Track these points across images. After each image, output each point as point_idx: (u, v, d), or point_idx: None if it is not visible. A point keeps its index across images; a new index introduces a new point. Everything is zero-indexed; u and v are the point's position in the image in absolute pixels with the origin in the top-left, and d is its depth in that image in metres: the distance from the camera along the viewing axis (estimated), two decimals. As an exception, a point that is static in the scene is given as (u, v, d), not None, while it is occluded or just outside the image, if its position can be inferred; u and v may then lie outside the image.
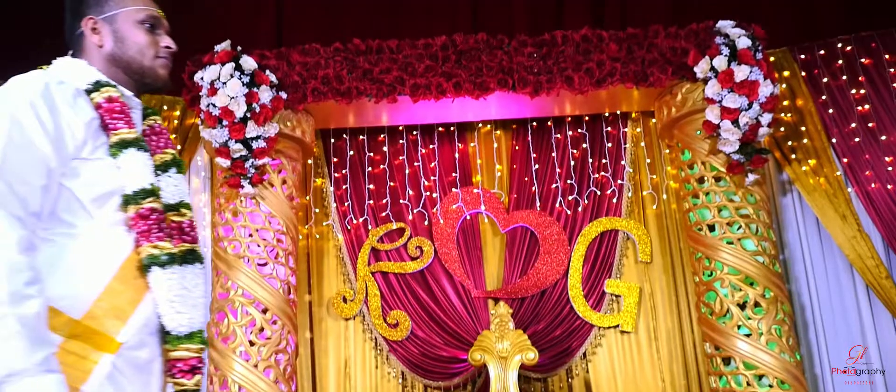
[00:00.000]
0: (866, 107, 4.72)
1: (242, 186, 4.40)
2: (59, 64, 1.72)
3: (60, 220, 1.53)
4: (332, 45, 4.57)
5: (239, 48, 4.37)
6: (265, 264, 4.38)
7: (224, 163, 4.37)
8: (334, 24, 5.08)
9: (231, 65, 4.26)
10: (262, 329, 4.29)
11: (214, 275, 4.50)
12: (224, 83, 4.22)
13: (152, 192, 1.61)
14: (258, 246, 4.38)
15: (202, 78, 4.29)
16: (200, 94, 4.31)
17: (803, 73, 4.87)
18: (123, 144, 1.60)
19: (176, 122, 4.96)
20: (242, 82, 4.24)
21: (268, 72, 4.38)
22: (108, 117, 1.62)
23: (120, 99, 1.66)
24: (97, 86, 1.65)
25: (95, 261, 1.54)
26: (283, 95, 4.41)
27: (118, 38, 1.71)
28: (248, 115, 4.24)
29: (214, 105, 4.22)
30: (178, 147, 4.91)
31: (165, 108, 4.94)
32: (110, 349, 1.49)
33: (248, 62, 4.30)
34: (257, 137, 4.28)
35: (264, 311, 4.29)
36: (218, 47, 4.35)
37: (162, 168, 1.71)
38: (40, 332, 1.39)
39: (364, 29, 4.86)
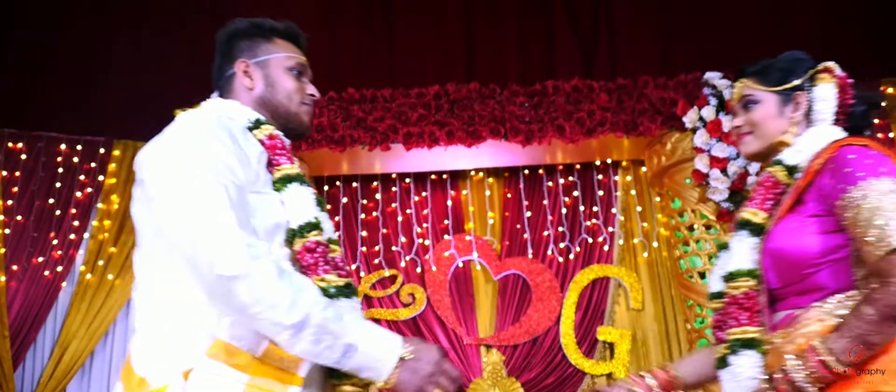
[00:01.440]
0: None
1: (236, 233, 4.41)
2: (213, 104, 1.75)
3: None
4: (326, 93, 4.64)
5: (234, 97, 4.42)
6: (257, 311, 4.37)
7: (218, 210, 4.39)
8: (329, 73, 5.16)
9: (227, 113, 4.31)
10: (253, 377, 4.26)
11: (206, 322, 4.48)
12: (219, 131, 4.27)
13: (317, 226, 1.60)
14: (251, 293, 4.37)
15: (198, 126, 4.33)
16: (196, 141, 4.35)
17: (790, 123, 4.95)
18: (288, 179, 1.62)
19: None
20: (238, 130, 4.29)
21: (263, 120, 4.43)
22: (272, 153, 1.64)
23: (279, 137, 1.70)
24: (257, 123, 1.69)
25: None
26: (278, 143, 4.45)
27: (269, 82, 1.74)
28: (243, 162, 4.28)
29: (209, 153, 4.26)
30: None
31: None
32: (295, 382, 1.49)
33: (244, 110, 4.35)
34: (252, 185, 4.31)
35: (256, 359, 4.27)
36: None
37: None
38: (339, 319, 1.48)
39: (358, 78, 4.93)
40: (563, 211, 5.19)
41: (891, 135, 4.73)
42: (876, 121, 4.78)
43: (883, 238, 1.47)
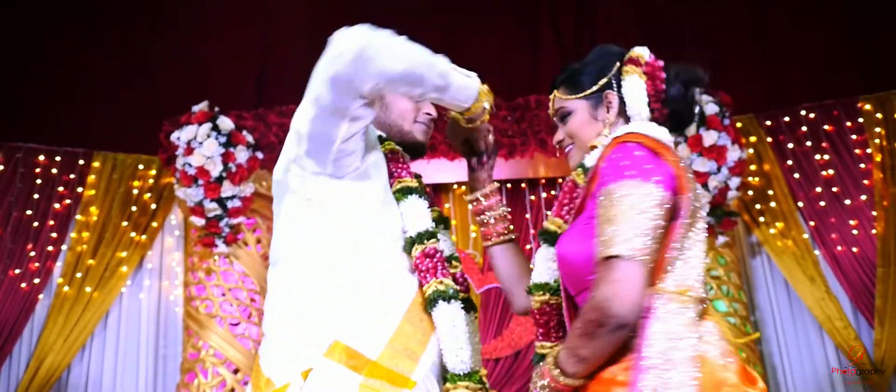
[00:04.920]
0: (830, 172, 4.84)
1: (216, 245, 4.38)
2: None
3: (354, 265, 1.61)
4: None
5: (217, 109, 4.40)
6: (238, 324, 4.34)
7: (198, 222, 4.36)
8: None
9: (208, 125, 4.29)
10: (232, 390, 4.22)
11: (185, 335, 4.44)
12: (201, 143, 4.24)
13: (434, 234, 1.69)
14: (231, 305, 4.34)
15: (179, 138, 4.31)
16: (176, 153, 4.32)
17: (769, 139, 5.00)
18: (407, 191, 1.73)
19: (151, 181, 4.94)
20: (219, 142, 4.27)
21: (245, 132, 4.41)
22: (393, 166, 1.76)
23: (400, 152, 1.82)
24: (381, 140, 1.81)
25: (386, 302, 1.61)
26: (260, 155, 4.43)
27: (384, 104, 1.85)
28: (224, 174, 4.26)
29: (190, 164, 4.23)
30: (153, 206, 4.89)
31: (141, 166, 4.92)
32: (408, 385, 1.55)
33: (225, 122, 4.33)
34: (232, 197, 4.29)
35: (236, 372, 4.24)
36: (195, 108, 4.38)
37: (435, 222, 1.78)
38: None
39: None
40: (546, 224, 5.20)
41: (868, 150, 4.78)
42: (854, 136, 4.84)
43: (607, 243, 1.33)
